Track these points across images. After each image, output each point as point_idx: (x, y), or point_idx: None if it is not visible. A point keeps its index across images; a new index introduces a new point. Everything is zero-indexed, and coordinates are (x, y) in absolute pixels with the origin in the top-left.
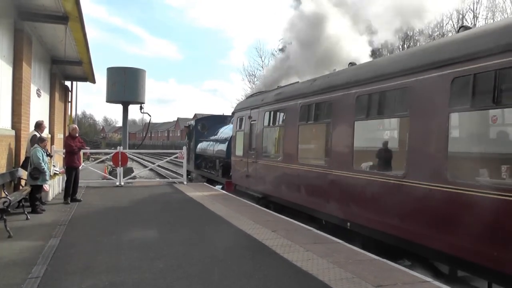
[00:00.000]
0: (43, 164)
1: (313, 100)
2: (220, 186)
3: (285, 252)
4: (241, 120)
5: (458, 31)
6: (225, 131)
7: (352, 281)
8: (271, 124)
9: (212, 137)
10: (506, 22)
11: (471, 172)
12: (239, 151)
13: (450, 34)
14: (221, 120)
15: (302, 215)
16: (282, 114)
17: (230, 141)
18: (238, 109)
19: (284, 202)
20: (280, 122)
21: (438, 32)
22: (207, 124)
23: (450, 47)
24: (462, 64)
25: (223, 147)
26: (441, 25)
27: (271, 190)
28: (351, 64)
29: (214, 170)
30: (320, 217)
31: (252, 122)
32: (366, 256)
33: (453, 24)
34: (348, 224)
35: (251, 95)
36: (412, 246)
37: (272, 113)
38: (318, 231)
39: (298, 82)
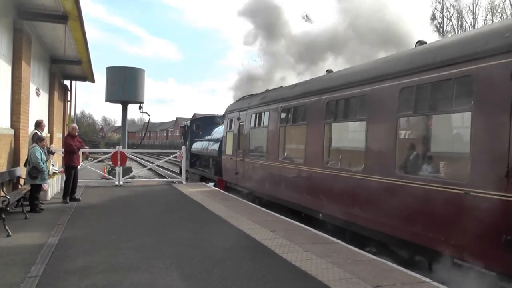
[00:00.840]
0: (41, 163)
1: (292, 104)
2: (213, 184)
3: (284, 252)
4: (231, 121)
5: (415, 45)
6: (218, 131)
7: (351, 281)
8: (256, 125)
9: (206, 137)
10: (446, 41)
11: (415, 168)
12: (229, 150)
13: (450, 35)
14: (215, 120)
15: (284, 208)
16: (266, 116)
17: (222, 140)
18: (229, 111)
19: (268, 197)
20: (264, 124)
21: (437, 33)
22: (201, 125)
23: (401, 61)
24: (409, 77)
25: (216, 146)
26: (442, 25)
27: (256, 186)
28: (328, 71)
29: (208, 168)
30: (298, 210)
31: (240, 124)
32: (365, 257)
33: (453, 25)
34: (320, 215)
35: (241, 98)
36: (374, 233)
37: (257, 115)
38: (317, 231)
39: (282, 86)
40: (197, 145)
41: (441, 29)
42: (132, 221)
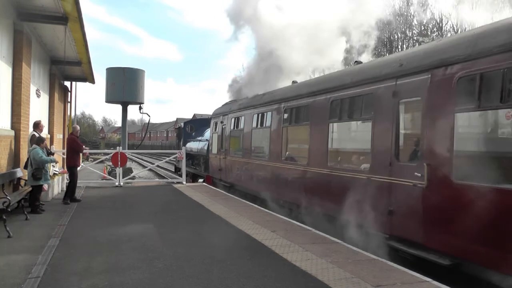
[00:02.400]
0: (47, 159)
1: (261, 110)
2: (202, 180)
3: (284, 252)
4: (216, 124)
5: (354, 64)
6: (208, 132)
7: (351, 281)
8: (235, 127)
9: (198, 138)
10: (360, 66)
11: (342, 161)
12: (214, 149)
13: (449, 34)
14: (207, 122)
15: (257, 198)
16: (242, 120)
17: (209, 141)
18: (214, 115)
19: (244, 189)
20: (241, 127)
21: (437, 33)
22: (194, 126)
23: (331, 80)
24: (335, 92)
25: (205, 146)
26: (440, 25)
27: (236, 180)
28: (293, 82)
29: (199, 166)
30: (266, 198)
31: (223, 126)
32: (365, 256)
33: (452, 24)
34: (281, 201)
35: (224, 104)
36: (313, 209)
37: (236, 119)
38: (317, 231)
39: (257, 94)
40: (190, 145)
41: (440, 29)
42: (132, 221)
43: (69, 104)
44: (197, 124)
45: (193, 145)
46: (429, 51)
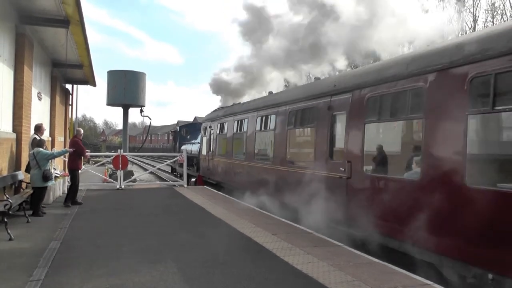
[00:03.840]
0: (59, 152)
1: (239, 118)
2: (194, 179)
3: (286, 255)
4: (205, 129)
5: (314, 79)
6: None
7: (353, 284)
8: (220, 132)
9: (192, 141)
10: (312, 84)
11: (296, 160)
12: (204, 151)
13: (450, 37)
14: (200, 126)
15: (239, 192)
16: (225, 125)
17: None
18: (204, 120)
19: (227, 185)
20: (225, 131)
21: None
22: (189, 130)
23: (290, 94)
24: (292, 104)
25: (198, 148)
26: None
27: (221, 177)
28: (270, 92)
29: (192, 167)
30: (243, 191)
31: (211, 131)
32: (366, 259)
33: (453, 28)
34: (256, 193)
35: (213, 111)
36: (281, 206)
37: (221, 124)
38: (318, 234)
39: (239, 103)
40: (185, 148)
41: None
42: (133, 225)
43: (70, 106)
44: (192, 128)
45: (187, 148)
46: (351, 76)
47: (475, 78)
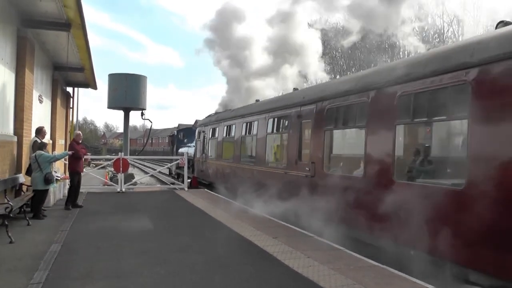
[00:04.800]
0: (56, 156)
1: (228, 123)
2: (189, 180)
3: (286, 258)
4: (199, 133)
5: (293, 90)
6: None
7: None
8: (212, 136)
9: (188, 144)
10: (285, 96)
11: (274, 162)
12: (198, 154)
13: (450, 41)
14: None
15: (229, 190)
16: (216, 130)
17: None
18: (198, 125)
19: (219, 185)
20: (215, 136)
21: (438, 39)
22: (186, 134)
23: (270, 103)
24: (270, 113)
25: (193, 151)
26: (442, 31)
27: (213, 178)
28: (256, 100)
29: (188, 168)
30: (232, 190)
31: (204, 135)
32: (367, 263)
33: (453, 31)
34: (237, 191)
35: (207, 116)
36: (264, 201)
37: (212, 129)
38: (319, 238)
39: (230, 109)
40: (181, 150)
41: (442, 35)
42: (134, 227)
43: (71, 109)
44: (189, 132)
45: (184, 150)
46: (316, 90)
47: (401, 96)
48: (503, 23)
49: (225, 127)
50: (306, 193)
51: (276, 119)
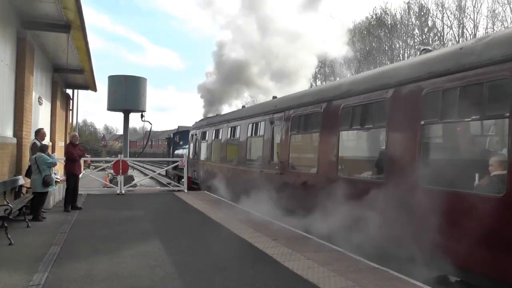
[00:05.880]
0: (55, 160)
1: (217, 127)
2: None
3: (286, 260)
4: (192, 135)
5: (272, 98)
6: None
7: None
8: (203, 139)
9: (184, 146)
10: (262, 104)
11: (252, 162)
12: (191, 155)
13: (450, 44)
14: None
15: (217, 188)
16: (207, 133)
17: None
18: (192, 128)
19: (208, 183)
20: (206, 138)
21: (438, 42)
22: (181, 136)
23: (248, 111)
24: (249, 119)
25: (187, 153)
26: (442, 34)
27: (203, 177)
28: (243, 106)
29: (182, 169)
30: (220, 187)
31: (196, 138)
32: (367, 265)
33: (454, 34)
34: (223, 188)
35: (200, 120)
36: (245, 195)
37: (203, 132)
38: (319, 240)
39: (218, 114)
40: (177, 152)
41: (441, 37)
42: (133, 229)
43: (71, 111)
44: (185, 135)
45: (179, 152)
46: (285, 100)
47: (344, 108)
48: (425, 50)
49: (214, 131)
50: (277, 188)
51: (254, 124)
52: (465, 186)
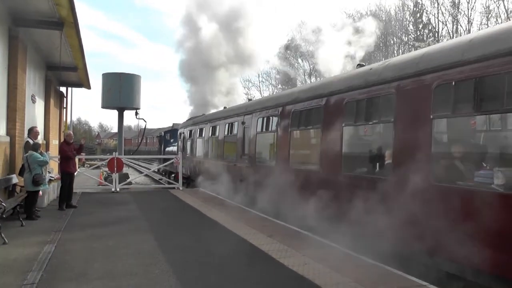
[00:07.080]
0: (47, 159)
1: (201, 126)
2: (173, 175)
3: (282, 257)
4: (180, 134)
5: (223, 108)
6: None
7: (349, 286)
8: (189, 137)
9: (174, 144)
10: (235, 106)
11: (227, 157)
12: (178, 152)
13: (445, 40)
14: None
15: (200, 179)
16: (193, 132)
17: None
18: (179, 127)
19: (194, 176)
20: (191, 137)
21: (432, 38)
22: (172, 134)
23: (227, 112)
24: (225, 120)
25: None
26: (436, 30)
27: (190, 171)
28: (224, 107)
29: (172, 165)
30: (203, 179)
31: (183, 135)
32: (363, 261)
33: (448, 30)
34: (206, 179)
35: (187, 120)
36: (222, 184)
37: (189, 131)
38: (315, 236)
39: (203, 114)
40: (168, 149)
41: (436, 34)
42: (128, 228)
43: (65, 109)
44: (175, 133)
45: (170, 149)
46: (253, 104)
47: (293, 112)
48: (359, 65)
49: (198, 130)
50: (247, 178)
51: (229, 125)
52: None
